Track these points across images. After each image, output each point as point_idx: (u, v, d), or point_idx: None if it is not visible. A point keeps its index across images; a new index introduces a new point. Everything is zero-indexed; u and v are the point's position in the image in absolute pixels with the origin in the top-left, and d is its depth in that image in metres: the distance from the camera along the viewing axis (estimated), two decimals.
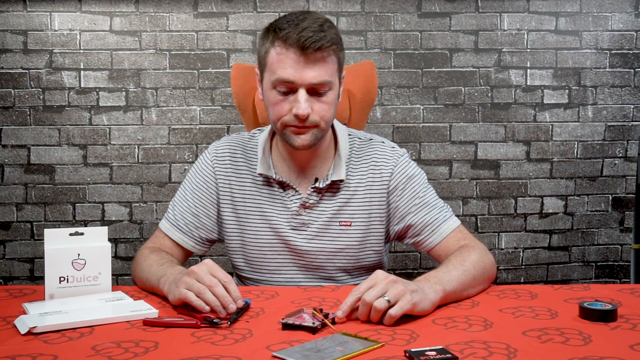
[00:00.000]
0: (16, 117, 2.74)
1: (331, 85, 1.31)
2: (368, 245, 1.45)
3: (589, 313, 1.08)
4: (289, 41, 1.25)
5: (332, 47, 1.28)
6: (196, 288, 1.11)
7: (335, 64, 1.32)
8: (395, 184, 1.43)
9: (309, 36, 1.24)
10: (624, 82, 2.89)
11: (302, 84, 1.27)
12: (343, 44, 1.35)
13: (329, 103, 1.32)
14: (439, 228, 1.42)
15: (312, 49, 1.24)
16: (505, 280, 2.92)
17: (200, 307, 1.09)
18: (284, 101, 1.30)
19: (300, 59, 1.26)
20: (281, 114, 1.31)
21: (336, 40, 1.30)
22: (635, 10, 2.87)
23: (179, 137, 2.79)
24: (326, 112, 1.32)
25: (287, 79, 1.27)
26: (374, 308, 1.05)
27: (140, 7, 2.74)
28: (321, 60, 1.27)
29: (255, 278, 1.48)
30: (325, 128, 1.34)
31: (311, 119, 1.30)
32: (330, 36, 1.27)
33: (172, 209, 1.49)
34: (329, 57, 1.29)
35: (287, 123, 1.31)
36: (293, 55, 1.26)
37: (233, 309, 1.09)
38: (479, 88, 2.85)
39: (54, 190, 2.77)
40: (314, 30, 1.25)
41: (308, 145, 1.33)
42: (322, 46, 1.25)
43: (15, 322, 1.07)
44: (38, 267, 2.79)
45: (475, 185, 2.89)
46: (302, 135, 1.32)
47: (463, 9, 2.82)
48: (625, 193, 2.94)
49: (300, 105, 1.27)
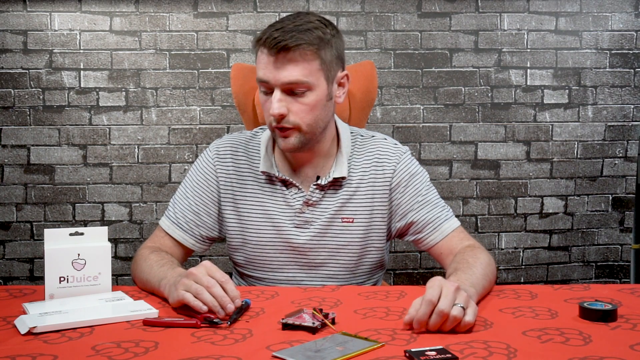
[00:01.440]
0: (16, 117, 2.74)
1: (309, 86, 1.30)
2: (370, 242, 1.45)
3: (589, 313, 1.08)
4: (264, 42, 1.29)
5: (301, 47, 1.27)
6: (194, 289, 1.11)
7: (316, 64, 1.30)
8: (398, 181, 1.43)
9: (277, 36, 1.27)
10: (624, 82, 2.89)
11: (276, 84, 1.29)
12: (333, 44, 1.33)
13: (308, 105, 1.31)
14: (441, 226, 1.42)
15: (277, 49, 1.27)
16: (505, 280, 2.92)
17: (198, 307, 1.09)
18: (267, 102, 1.33)
19: (271, 59, 1.29)
20: (267, 114, 1.34)
21: (311, 42, 1.28)
22: (635, 10, 2.87)
23: (179, 137, 2.79)
24: (306, 114, 1.31)
25: (262, 78, 1.31)
26: (453, 317, 1.00)
27: (140, 7, 2.74)
28: (293, 61, 1.28)
29: (256, 276, 1.48)
30: (308, 131, 1.33)
31: (290, 120, 1.31)
32: (301, 38, 1.27)
33: (173, 207, 1.48)
34: (302, 57, 1.28)
35: (271, 124, 1.33)
36: (267, 55, 1.30)
37: (231, 309, 1.09)
38: (479, 88, 2.85)
39: (53, 190, 2.77)
40: (287, 30, 1.27)
41: (293, 149, 1.34)
42: (288, 45, 1.26)
43: (15, 322, 1.07)
44: (38, 267, 2.79)
45: (475, 185, 2.89)
46: (286, 139, 1.33)
47: (463, 9, 2.82)
48: (625, 193, 2.94)
49: (272, 105, 1.30)
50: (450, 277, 1.21)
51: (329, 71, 1.33)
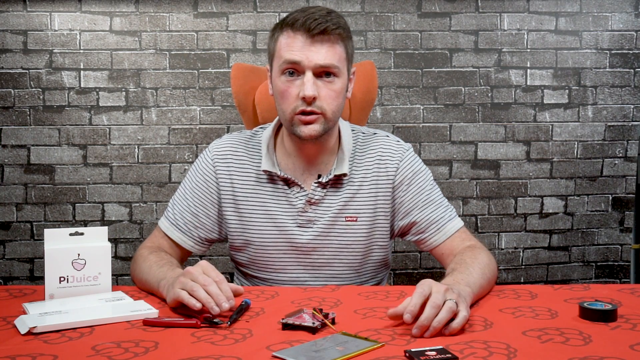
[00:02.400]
0: (16, 117, 2.74)
1: (338, 72, 1.32)
2: (374, 241, 1.44)
3: (589, 313, 1.08)
4: (296, 25, 1.29)
5: (338, 32, 1.30)
6: (189, 286, 1.11)
7: (343, 52, 1.33)
8: (401, 178, 1.43)
9: (315, 19, 1.28)
10: (624, 82, 2.89)
11: (309, 65, 1.29)
12: (352, 38, 1.37)
13: (335, 91, 1.32)
14: (444, 227, 1.41)
15: (318, 29, 1.28)
16: (505, 280, 2.92)
17: (192, 304, 1.09)
18: (291, 87, 1.31)
19: (307, 41, 1.29)
20: (289, 100, 1.32)
21: (343, 26, 1.32)
22: (635, 10, 2.87)
23: (179, 137, 2.79)
24: (333, 100, 1.32)
25: (293, 59, 1.29)
26: (447, 309, 1.00)
27: (140, 7, 2.74)
28: (328, 43, 1.30)
29: (259, 276, 1.47)
30: (331, 118, 1.34)
31: (318, 105, 1.30)
32: (337, 21, 1.30)
33: (172, 208, 1.48)
34: (336, 42, 1.31)
35: (295, 110, 1.31)
36: (300, 37, 1.29)
37: (226, 307, 1.08)
38: (479, 88, 2.85)
39: (53, 190, 2.77)
40: (320, 14, 1.29)
41: (316, 135, 1.33)
42: (327, 28, 1.28)
43: (15, 322, 1.07)
44: (38, 267, 2.79)
45: (475, 185, 2.89)
46: (309, 125, 1.32)
47: (463, 9, 2.82)
48: (625, 193, 2.94)
49: (307, 87, 1.29)
50: (447, 277, 1.21)
51: (349, 62, 1.37)
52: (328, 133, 1.37)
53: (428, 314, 1.00)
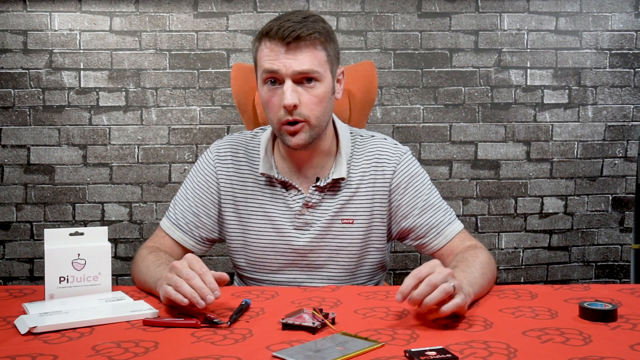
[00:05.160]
0: (16, 117, 2.74)
1: (319, 77, 1.31)
2: (370, 243, 1.44)
3: (589, 313, 1.08)
4: (271, 34, 1.29)
5: (313, 36, 1.29)
6: (174, 282, 1.10)
7: (324, 55, 1.32)
8: (398, 182, 1.42)
9: (289, 27, 1.27)
10: (624, 82, 2.89)
11: (287, 73, 1.29)
12: (334, 39, 1.36)
13: (318, 96, 1.31)
14: (444, 231, 1.41)
15: (292, 37, 1.27)
16: (505, 280, 2.92)
17: (179, 300, 1.08)
18: (274, 96, 1.32)
19: (282, 49, 1.28)
20: (274, 110, 1.32)
21: (320, 31, 1.30)
22: (635, 10, 2.87)
23: (179, 137, 2.79)
24: (315, 106, 1.31)
25: (272, 69, 1.29)
26: (442, 289, 1.01)
27: (140, 7, 2.74)
28: (305, 49, 1.29)
29: (257, 278, 1.47)
30: (315, 124, 1.33)
31: (300, 112, 1.30)
32: (312, 27, 1.29)
33: (173, 208, 1.48)
34: (313, 46, 1.30)
35: (281, 120, 1.31)
36: (276, 47, 1.29)
37: (211, 300, 1.07)
38: (479, 88, 2.85)
39: (53, 190, 2.77)
40: (295, 21, 1.28)
41: (303, 145, 1.33)
42: (301, 35, 1.27)
43: (15, 322, 1.07)
44: (38, 267, 2.79)
45: (475, 185, 2.89)
46: (296, 135, 1.32)
47: (463, 9, 2.82)
48: (625, 193, 2.94)
49: (286, 95, 1.28)
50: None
51: (332, 64, 1.35)
52: (319, 137, 1.37)
53: (421, 290, 1.01)
